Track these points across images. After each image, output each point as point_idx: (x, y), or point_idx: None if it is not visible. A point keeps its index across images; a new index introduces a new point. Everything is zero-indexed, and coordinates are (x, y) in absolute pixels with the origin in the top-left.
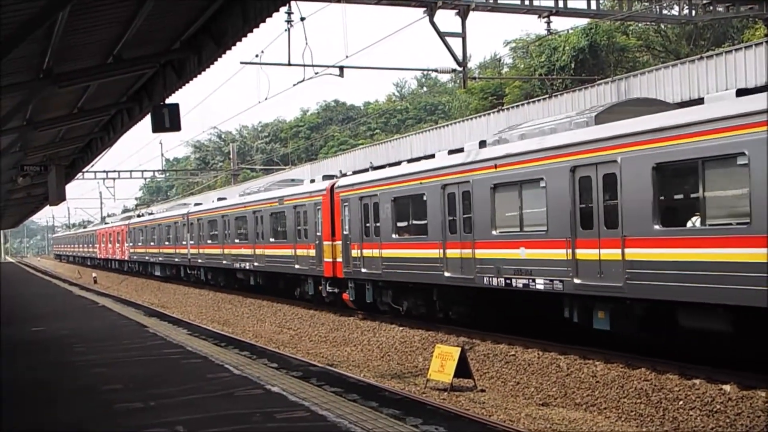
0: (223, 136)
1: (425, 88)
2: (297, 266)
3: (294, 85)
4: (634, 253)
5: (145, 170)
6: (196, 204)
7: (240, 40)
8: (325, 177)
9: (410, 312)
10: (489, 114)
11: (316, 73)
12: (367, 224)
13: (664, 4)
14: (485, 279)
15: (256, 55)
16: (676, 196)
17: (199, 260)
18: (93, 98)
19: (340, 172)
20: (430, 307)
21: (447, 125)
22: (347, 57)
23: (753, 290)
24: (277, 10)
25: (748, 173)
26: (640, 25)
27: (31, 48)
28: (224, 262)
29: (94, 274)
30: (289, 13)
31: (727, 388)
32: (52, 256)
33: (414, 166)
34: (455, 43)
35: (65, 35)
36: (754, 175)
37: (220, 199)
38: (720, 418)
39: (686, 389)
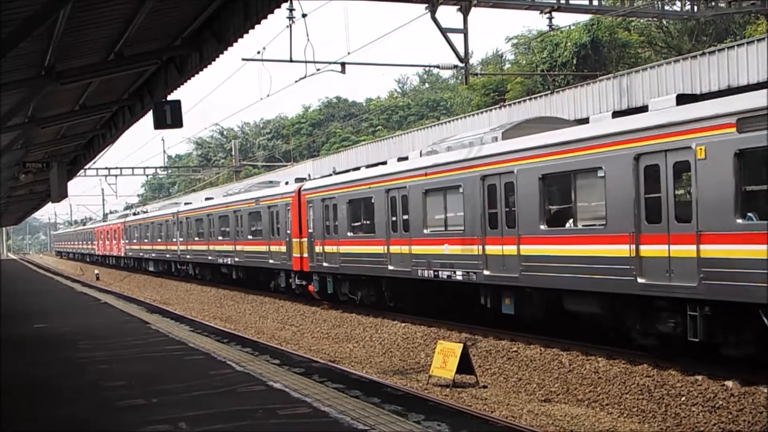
0: (225, 133)
1: (427, 85)
2: (271, 261)
3: (296, 81)
4: (526, 249)
5: (147, 167)
6: (186, 203)
7: (241, 37)
8: (297, 180)
9: (363, 301)
10: (491, 110)
11: (318, 70)
12: (328, 223)
13: (666, 0)
14: (419, 271)
15: (258, 52)
16: (557, 202)
17: (188, 256)
18: (95, 95)
19: (309, 175)
20: (380, 296)
21: (449, 121)
22: (349, 53)
23: (612, 279)
24: (279, 7)
25: (604, 184)
26: (642, 21)
27: (33, 45)
28: (209, 257)
29: (96, 271)
30: (291, 10)
31: (729, 384)
32: (53, 252)
33: (366, 173)
34: (457, 39)
35: (67, 32)
36: (609, 185)
37: (207, 198)
38: (722, 414)
39: (688, 385)
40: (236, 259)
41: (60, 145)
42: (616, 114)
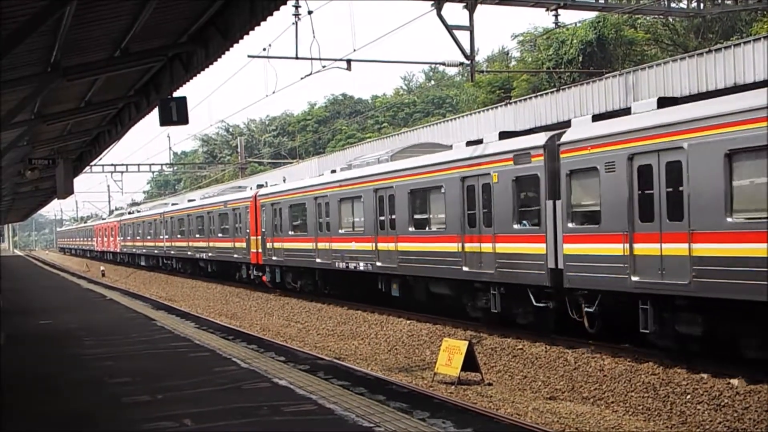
0: (230, 130)
1: (433, 82)
2: (235, 255)
3: (301, 78)
4: (401, 246)
5: (153, 164)
6: (173, 204)
7: (247, 34)
8: (259, 186)
9: (303, 288)
10: (497, 107)
11: (324, 67)
12: (276, 224)
13: None
14: (336, 263)
15: (264, 49)
16: (419, 211)
17: (172, 252)
18: (101, 91)
19: (266, 183)
20: (315, 284)
21: (455, 119)
22: (355, 50)
23: (450, 268)
24: (285, 3)
25: (443, 198)
26: (648, 18)
27: (39, 41)
28: (189, 253)
29: (102, 268)
30: (297, 7)
31: (734, 382)
32: (57, 249)
33: (301, 183)
34: (463, 37)
35: (73, 28)
36: (447, 199)
37: (189, 200)
38: (727, 412)
39: (694, 383)
40: (209, 254)
41: (66, 142)
42: (469, 143)
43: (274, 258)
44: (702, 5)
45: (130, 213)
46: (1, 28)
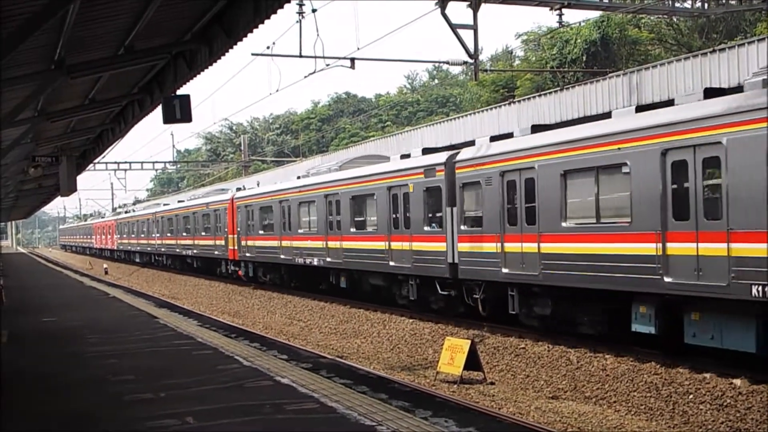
0: (234, 128)
1: (436, 81)
2: (216, 252)
3: (305, 76)
4: (345, 244)
5: (156, 161)
6: (164, 204)
7: (251, 32)
8: (238, 189)
9: (273, 281)
10: (500, 107)
11: (328, 65)
12: (249, 223)
13: None
14: (296, 259)
15: (268, 47)
16: (358, 214)
17: (162, 249)
18: (104, 89)
19: (244, 186)
20: (282, 279)
21: (458, 118)
22: (358, 49)
23: (380, 263)
24: (289, 2)
25: (375, 204)
26: (652, 18)
27: (43, 39)
28: (177, 250)
29: (105, 266)
30: (301, 5)
31: (737, 382)
32: (59, 246)
33: (269, 188)
34: (467, 36)
35: (77, 26)
36: (378, 205)
37: (179, 201)
38: (730, 412)
39: (696, 383)
40: (194, 251)
41: (69, 139)
42: (402, 156)
43: (247, 254)
44: (706, 5)
45: (126, 212)
46: (4, 26)
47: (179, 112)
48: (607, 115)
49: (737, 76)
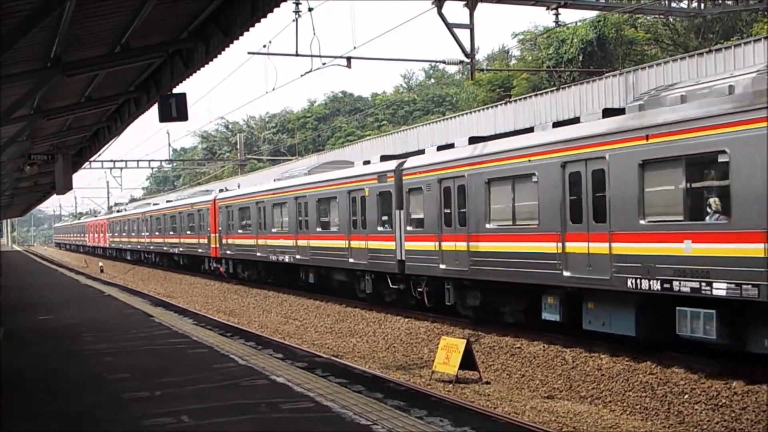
0: (230, 127)
1: (433, 80)
2: (200, 250)
3: (301, 75)
4: (312, 243)
5: (152, 160)
6: (154, 204)
7: (248, 30)
8: (221, 190)
9: (251, 277)
10: (496, 106)
11: (324, 64)
12: (229, 223)
13: None
14: (270, 257)
15: (264, 46)
16: (324, 215)
17: (151, 247)
18: (101, 87)
19: (225, 188)
20: (259, 275)
21: (454, 117)
22: (355, 48)
23: (341, 260)
24: (285, 0)
25: (338, 206)
26: (648, 18)
27: (40, 36)
28: (164, 248)
29: (100, 264)
30: (297, 4)
31: (732, 382)
32: (54, 244)
33: (248, 190)
34: (463, 35)
35: (73, 24)
36: (340, 207)
37: (168, 201)
38: (725, 412)
39: (692, 383)
40: (180, 249)
41: (65, 137)
42: (365, 162)
43: (228, 252)
44: (702, 5)
45: (118, 211)
46: (2, 24)
47: (175, 110)
48: (530, 130)
49: None
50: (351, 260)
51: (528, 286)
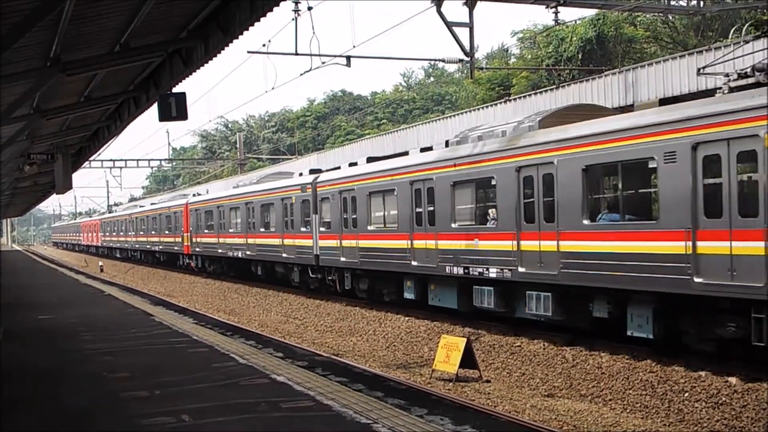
0: (229, 126)
1: (432, 78)
2: (175, 248)
3: (301, 74)
4: (258, 241)
5: (152, 159)
6: (140, 207)
7: (247, 29)
8: (194, 195)
9: (216, 271)
10: (496, 104)
11: (323, 63)
12: (198, 224)
13: None
14: (228, 253)
15: (264, 45)
16: (267, 217)
17: (137, 245)
18: (100, 87)
19: (197, 193)
20: (222, 269)
21: (454, 115)
22: (354, 47)
23: (279, 255)
24: None
25: (275, 210)
26: (647, 16)
27: (39, 36)
28: (147, 246)
29: (100, 263)
30: (297, 3)
31: (732, 380)
32: (51, 243)
33: (212, 195)
34: (462, 33)
35: (73, 23)
36: (275, 211)
37: (152, 204)
38: (725, 410)
39: (692, 381)
40: (160, 247)
41: (65, 137)
42: (300, 174)
43: (197, 249)
44: (702, 3)
45: (110, 213)
46: (2, 23)
47: (175, 109)
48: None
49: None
50: (284, 255)
51: (394, 273)
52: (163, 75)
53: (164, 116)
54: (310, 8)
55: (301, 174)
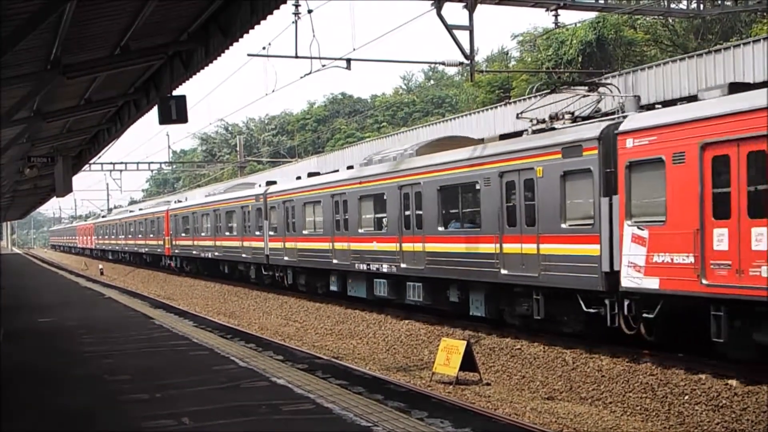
0: (230, 129)
1: (432, 81)
2: (158, 250)
3: (301, 77)
4: (225, 243)
5: (152, 162)
6: (130, 211)
7: (248, 32)
8: (176, 201)
9: (192, 270)
10: (496, 107)
11: (324, 66)
12: (176, 228)
13: None
14: (202, 254)
15: (264, 48)
16: (230, 222)
17: (126, 247)
18: (100, 89)
19: (176, 201)
20: (198, 268)
21: (454, 118)
22: (354, 50)
23: (239, 255)
24: (285, 2)
25: (236, 217)
26: (647, 19)
27: (40, 39)
28: (135, 248)
29: (100, 266)
30: (297, 5)
31: (733, 383)
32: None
33: (188, 203)
34: (463, 36)
35: (73, 26)
36: (237, 218)
37: (141, 209)
38: (725, 413)
39: (692, 384)
40: (146, 249)
41: (65, 140)
42: (260, 186)
43: (176, 251)
44: (702, 6)
45: (103, 217)
46: (2, 27)
47: (175, 112)
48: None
49: (733, 77)
50: (243, 255)
51: (323, 270)
52: (164, 78)
53: (164, 119)
54: (310, 11)
55: (259, 185)
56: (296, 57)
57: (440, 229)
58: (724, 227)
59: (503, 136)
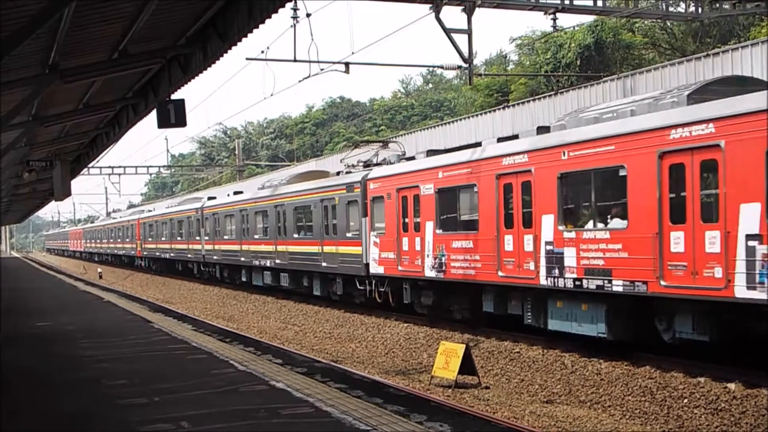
0: (228, 132)
1: (431, 85)
2: (132, 252)
3: (299, 81)
4: (178, 246)
5: (151, 166)
6: (121, 216)
7: (246, 36)
8: (148, 211)
9: (157, 270)
10: (494, 111)
11: (322, 70)
12: (144, 233)
13: (671, 2)
14: (162, 255)
15: (262, 51)
16: (180, 229)
17: (108, 250)
18: (99, 93)
19: (146, 210)
20: (161, 267)
21: (452, 122)
22: (353, 53)
23: (186, 256)
24: (283, 6)
25: (185, 225)
26: (646, 22)
27: (37, 43)
28: (115, 251)
29: (99, 270)
30: (295, 9)
31: (731, 386)
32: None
33: (154, 212)
34: (461, 40)
35: (71, 30)
36: (184, 227)
37: (121, 216)
38: (724, 416)
39: (691, 387)
40: (123, 251)
41: (63, 144)
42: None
43: (145, 253)
44: (700, 9)
45: (92, 222)
46: (2, 30)
47: (174, 116)
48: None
49: None
50: (189, 255)
51: (238, 265)
52: (162, 82)
53: (163, 123)
54: (308, 15)
55: (206, 199)
56: (295, 61)
57: (295, 236)
58: (412, 236)
59: (367, 165)
